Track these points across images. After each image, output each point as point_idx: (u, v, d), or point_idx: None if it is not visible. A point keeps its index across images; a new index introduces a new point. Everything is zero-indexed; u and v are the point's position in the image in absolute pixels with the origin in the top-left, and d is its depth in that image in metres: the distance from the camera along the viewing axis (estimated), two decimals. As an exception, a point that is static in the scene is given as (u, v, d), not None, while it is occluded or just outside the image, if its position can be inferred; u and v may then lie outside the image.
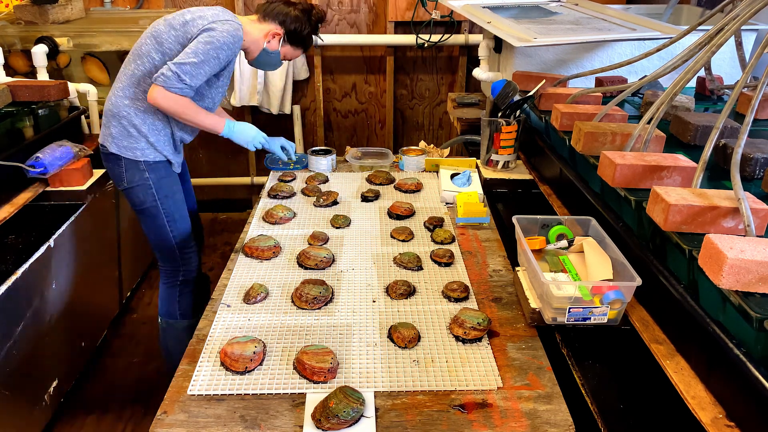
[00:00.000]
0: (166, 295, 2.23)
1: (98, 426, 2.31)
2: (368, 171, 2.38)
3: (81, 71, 3.18)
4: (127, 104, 1.97)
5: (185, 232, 2.16)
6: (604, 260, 1.45)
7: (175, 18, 1.94)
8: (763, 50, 1.31)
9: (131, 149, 2.00)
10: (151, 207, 2.06)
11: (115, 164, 2.03)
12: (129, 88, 1.97)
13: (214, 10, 1.96)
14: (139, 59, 1.95)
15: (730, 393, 1.04)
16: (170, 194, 2.09)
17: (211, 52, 1.86)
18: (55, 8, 2.98)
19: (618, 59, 2.44)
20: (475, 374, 1.28)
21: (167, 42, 1.92)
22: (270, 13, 2.04)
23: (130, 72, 1.97)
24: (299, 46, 2.12)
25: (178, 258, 2.17)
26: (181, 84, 1.85)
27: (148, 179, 2.03)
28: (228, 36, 1.89)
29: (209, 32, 1.87)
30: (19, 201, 2.20)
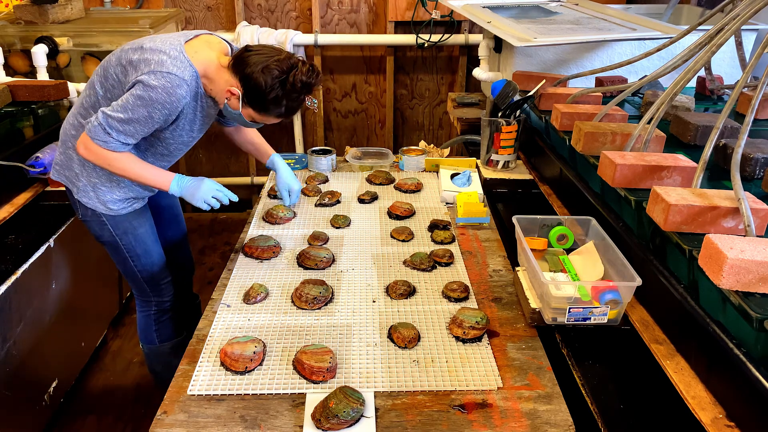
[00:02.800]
0: (143, 324, 2.09)
1: (98, 426, 2.31)
2: (368, 171, 2.38)
3: (81, 71, 3.17)
4: (74, 135, 1.76)
5: (154, 267, 1.97)
6: (595, 262, 1.46)
7: (126, 51, 1.66)
8: (763, 50, 1.31)
9: (72, 182, 1.81)
10: (109, 241, 1.89)
11: (69, 192, 1.85)
12: (77, 117, 1.76)
13: (165, 55, 1.60)
14: (90, 89, 1.73)
15: (730, 393, 1.04)
16: (129, 230, 1.87)
17: (140, 109, 1.57)
18: (55, 8, 2.98)
19: (618, 59, 2.44)
20: (475, 374, 1.28)
21: (111, 78, 1.67)
22: (236, 65, 1.63)
23: (81, 100, 1.77)
24: (266, 113, 1.67)
25: (148, 291, 2.01)
26: (106, 137, 1.60)
27: (100, 215, 1.83)
28: (162, 93, 1.57)
29: (143, 85, 1.57)
30: (19, 201, 2.20)
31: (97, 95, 1.70)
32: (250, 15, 3.71)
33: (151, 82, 1.57)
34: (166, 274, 2.03)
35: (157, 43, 1.65)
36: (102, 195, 1.81)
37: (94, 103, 1.72)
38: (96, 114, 1.61)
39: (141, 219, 1.91)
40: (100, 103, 1.70)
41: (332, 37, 3.66)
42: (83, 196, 1.81)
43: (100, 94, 1.70)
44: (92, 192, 1.80)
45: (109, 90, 1.68)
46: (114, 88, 1.67)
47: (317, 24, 3.67)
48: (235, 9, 3.65)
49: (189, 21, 3.72)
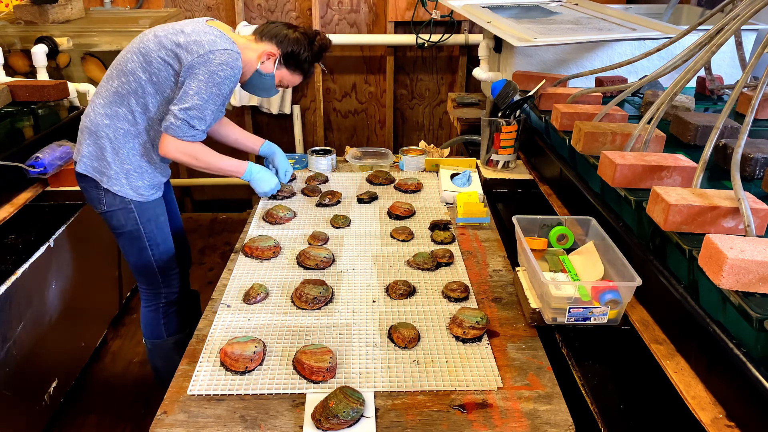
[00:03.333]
0: (149, 319, 2.13)
1: (98, 426, 2.31)
2: (368, 171, 2.38)
3: (81, 71, 3.18)
4: (107, 124, 1.82)
5: (168, 256, 2.06)
6: (595, 262, 1.46)
7: (167, 36, 1.78)
8: (763, 50, 1.31)
9: (101, 173, 1.86)
10: (132, 230, 1.94)
11: (92, 186, 1.90)
12: (110, 107, 1.82)
13: (211, 35, 1.77)
14: (125, 76, 1.80)
15: (730, 393, 1.04)
16: (153, 218, 1.97)
17: (213, 90, 1.75)
18: (55, 8, 2.98)
19: (618, 59, 2.44)
20: (475, 374, 1.28)
21: (155, 62, 1.76)
22: (267, 33, 1.89)
23: (113, 89, 1.82)
24: (297, 71, 1.95)
25: (159, 281, 2.07)
26: (193, 131, 1.77)
27: (129, 203, 1.90)
28: (227, 69, 1.75)
29: (208, 67, 1.73)
30: (19, 201, 2.20)
31: (139, 81, 1.79)
32: (250, 15, 3.71)
33: (214, 61, 1.74)
34: (175, 265, 2.11)
35: (192, 26, 1.82)
36: (134, 181, 1.90)
37: (135, 89, 1.80)
38: (171, 114, 1.75)
39: (162, 207, 2.02)
40: (143, 88, 1.79)
41: (332, 37, 3.65)
42: (114, 184, 1.87)
43: (144, 79, 1.79)
44: (124, 179, 1.88)
45: (155, 74, 1.78)
46: (160, 71, 1.78)
47: (317, 24, 3.68)
48: (235, 9, 3.65)
49: (189, 21, 3.71)
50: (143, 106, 1.82)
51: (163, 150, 1.80)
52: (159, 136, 1.85)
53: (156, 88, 1.80)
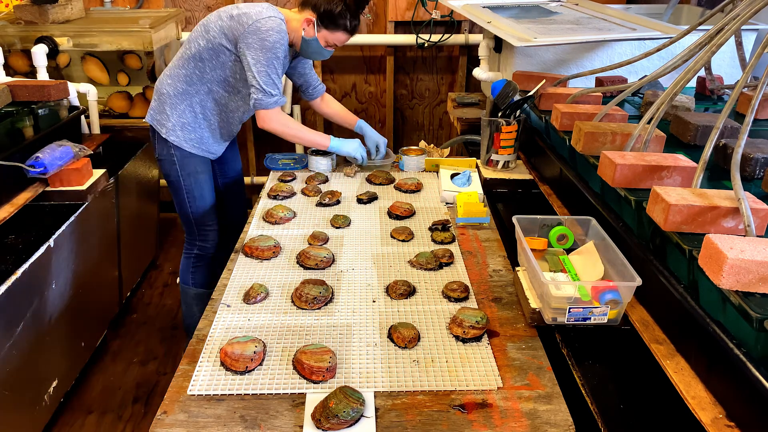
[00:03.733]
0: (183, 263, 2.42)
1: (98, 426, 2.31)
2: (367, 171, 2.38)
3: (81, 71, 3.18)
4: (169, 83, 2.13)
5: (203, 211, 2.30)
6: (595, 262, 1.46)
7: (225, 11, 2.06)
8: (763, 50, 1.31)
9: (161, 124, 2.16)
10: (174, 180, 2.24)
11: (152, 134, 2.24)
12: (175, 69, 2.12)
13: (259, 7, 2.04)
14: (188, 43, 2.11)
15: (730, 393, 1.04)
16: (193, 173, 2.23)
17: (268, 54, 1.99)
18: (55, 8, 2.98)
19: (618, 59, 2.44)
20: (475, 374, 1.28)
21: (212, 30, 2.04)
22: (305, 1, 2.09)
23: (179, 54, 2.14)
24: (336, 28, 2.08)
25: (195, 233, 2.34)
26: (271, 98, 2.04)
27: (173, 155, 2.19)
28: (274, 33, 1.98)
29: (258, 35, 1.97)
30: (19, 201, 2.20)
31: (198, 46, 2.07)
32: (250, 15, 3.71)
33: (261, 29, 1.98)
34: (213, 220, 2.37)
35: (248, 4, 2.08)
36: (188, 134, 2.18)
37: (194, 53, 2.09)
38: (251, 93, 2.04)
39: (204, 167, 2.28)
40: (200, 53, 2.08)
41: (332, 37, 3.66)
42: (171, 134, 2.17)
43: (202, 45, 2.07)
44: (180, 131, 2.17)
45: (210, 41, 2.05)
46: (215, 38, 2.05)
47: (317, 24, 3.67)
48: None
49: (189, 21, 3.72)
50: (201, 70, 2.10)
51: (261, 124, 2.10)
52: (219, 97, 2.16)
53: (211, 54, 2.06)
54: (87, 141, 2.74)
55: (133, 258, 3.04)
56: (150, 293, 3.17)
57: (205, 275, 2.43)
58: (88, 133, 2.86)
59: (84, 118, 2.81)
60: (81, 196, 2.39)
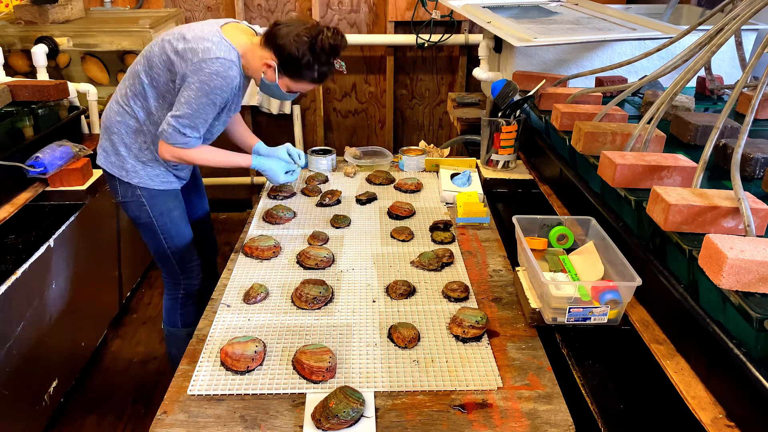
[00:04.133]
0: (168, 306, 2.21)
1: (98, 426, 2.31)
2: (367, 171, 2.38)
3: (81, 71, 3.17)
4: (119, 121, 1.90)
5: (184, 248, 2.10)
6: (595, 262, 1.46)
7: (171, 42, 1.78)
8: (763, 50, 1.31)
9: (119, 167, 1.94)
10: (146, 223, 2.02)
11: (109, 177, 1.99)
12: (122, 105, 1.89)
13: (209, 42, 1.73)
14: (131, 78, 1.87)
15: (730, 393, 1.04)
16: (166, 211, 2.01)
17: (203, 99, 1.73)
18: (55, 8, 2.98)
19: (618, 59, 2.44)
20: (475, 374, 1.28)
21: (156, 66, 1.80)
22: (268, 39, 1.78)
23: (124, 89, 1.90)
24: (300, 78, 1.81)
25: (178, 272, 2.13)
26: (184, 138, 1.78)
27: (140, 196, 1.97)
28: (218, 79, 1.72)
29: (199, 76, 1.71)
30: (19, 201, 2.20)
31: (143, 83, 1.84)
32: (250, 15, 3.71)
33: (205, 70, 1.71)
34: (195, 257, 2.16)
35: (196, 31, 1.78)
36: (151, 170, 1.96)
37: (140, 91, 1.85)
38: (165, 121, 1.77)
39: (176, 201, 2.06)
40: (146, 91, 1.84)
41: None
42: (133, 177, 1.95)
43: (146, 83, 1.83)
44: (142, 171, 1.95)
45: (155, 78, 1.82)
46: (159, 76, 1.81)
47: (317, 24, 3.67)
48: (235, 9, 3.65)
49: (189, 21, 3.72)
50: (147, 109, 1.87)
51: (160, 154, 1.84)
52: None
53: (157, 92, 1.84)
54: (87, 141, 2.73)
55: (133, 258, 3.04)
56: (150, 293, 3.17)
57: (194, 312, 2.22)
58: (88, 133, 2.85)
59: (84, 118, 2.81)
60: (81, 196, 2.39)
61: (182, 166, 2.03)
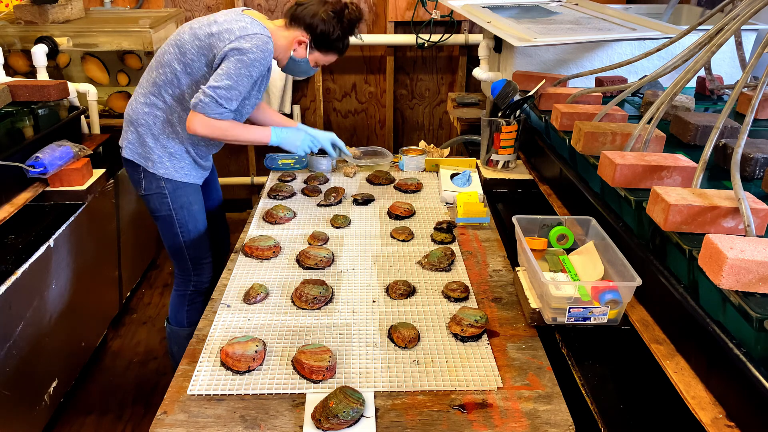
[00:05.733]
0: (175, 302, 2.21)
1: (98, 426, 2.31)
2: (368, 171, 2.38)
3: (81, 71, 3.17)
4: (147, 112, 1.93)
5: (199, 244, 2.13)
6: (595, 262, 1.46)
7: (202, 28, 1.86)
8: (763, 50, 1.31)
9: (145, 158, 1.97)
10: (165, 215, 2.04)
11: (133, 170, 2.02)
12: (149, 96, 1.93)
13: (242, 22, 1.84)
14: (161, 68, 1.89)
15: (730, 393, 1.04)
16: (186, 205, 2.05)
17: (243, 71, 1.79)
18: (55, 8, 2.98)
19: (618, 59, 2.44)
20: (475, 374, 1.28)
21: (189, 53, 1.85)
22: (296, 18, 1.91)
23: (152, 79, 1.92)
24: (330, 51, 1.97)
25: (190, 268, 2.14)
26: (220, 109, 1.80)
27: (163, 188, 2.00)
28: (258, 52, 1.79)
29: (239, 50, 1.78)
30: (19, 201, 2.20)
31: (175, 72, 1.87)
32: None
33: (245, 45, 1.78)
34: (208, 254, 2.18)
35: (225, 16, 1.88)
36: (177, 162, 1.99)
37: (171, 80, 1.88)
38: (201, 92, 1.79)
39: (196, 197, 2.09)
40: (179, 79, 1.87)
41: (332, 37, 3.65)
42: (159, 167, 1.97)
43: (179, 70, 1.87)
44: (168, 162, 1.98)
45: (188, 65, 1.86)
46: (193, 62, 1.85)
47: (317, 24, 3.67)
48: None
49: (189, 21, 3.71)
50: (179, 96, 1.91)
51: (190, 126, 1.83)
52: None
53: (191, 79, 1.88)
54: (87, 141, 2.73)
55: (133, 258, 3.04)
56: (150, 293, 3.17)
57: (200, 311, 2.19)
58: (88, 133, 2.85)
59: (84, 118, 2.81)
60: (81, 196, 2.39)
61: (204, 153, 2.06)
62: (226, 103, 1.80)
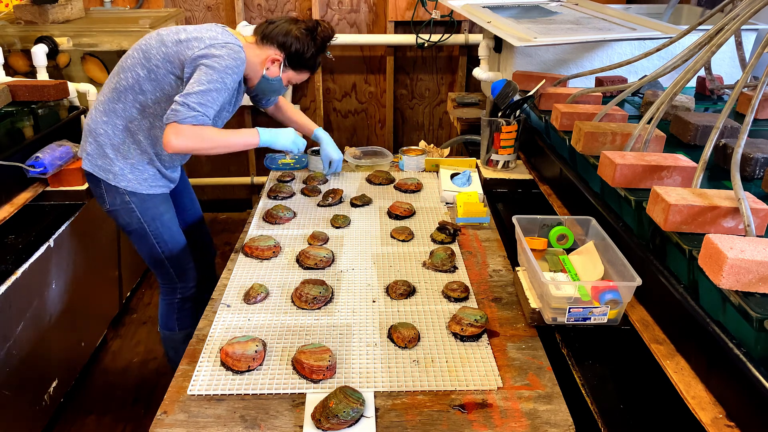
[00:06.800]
0: (164, 310, 2.17)
1: (98, 426, 2.31)
2: (367, 171, 2.38)
3: (81, 71, 3.17)
4: (105, 120, 1.84)
5: (178, 252, 2.05)
6: (595, 262, 1.46)
7: (169, 35, 1.79)
8: (763, 50, 1.31)
9: (106, 170, 1.87)
10: (137, 229, 1.96)
11: (95, 185, 1.92)
12: (108, 103, 1.84)
13: (213, 32, 1.78)
14: (123, 72, 1.81)
15: (730, 393, 1.04)
16: (157, 215, 1.96)
17: (215, 77, 1.70)
18: (55, 8, 2.98)
19: (618, 59, 2.44)
20: (475, 374, 1.28)
21: (155, 58, 1.77)
22: (268, 37, 1.86)
23: (112, 85, 1.84)
24: (304, 69, 1.93)
25: (174, 277, 2.09)
26: (193, 112, 1.67)
27: (129, 202, 1.91)
28: (230, 60, 1.73)
29: (209, 58, 1.71)
30: (19, 201, 2.20)
31: (137, 77, 1.79)
32: (250, 15, 3.71)
33: (215, 52, 1.72)
34: (189, 260, 2.12)
35: (197, 27, 1.82)
36: (140, 174, 1.90)
37: (132, 85, 1.80)
38: (174, 102, 1.69)
39: (166, 205, 2.01)
40: (140, 85, 1.80)
41: (332, 37, 3.65)
42: (121, 180, 1.88)
43: (142, 76, 1.79)
44: (130, 174, 1.89)
45: (152, 70, 1.78)
46: (158, 68, 1.78)
47: (317, 24, 3.67)
48: (235, 9, 3.65)
49: (189, 21, 3.72)
50: (142, 103, 1.82)
51: (167, 142, 1.68)
52: (161, 132, 1.82)
53: (154, 85, 1.79)
54: (87, 141, 2.73)
55: (133, 258, 3.04)
56: (150, 293, 3.17)
57: (191, 315, 2.18)
58: (88, 133, 2.85)
59: (84, 118, 2.81)
60: (81, 196, 2.39)
61: (169, 164, 1.96)
62: (200, 107, 1.68)
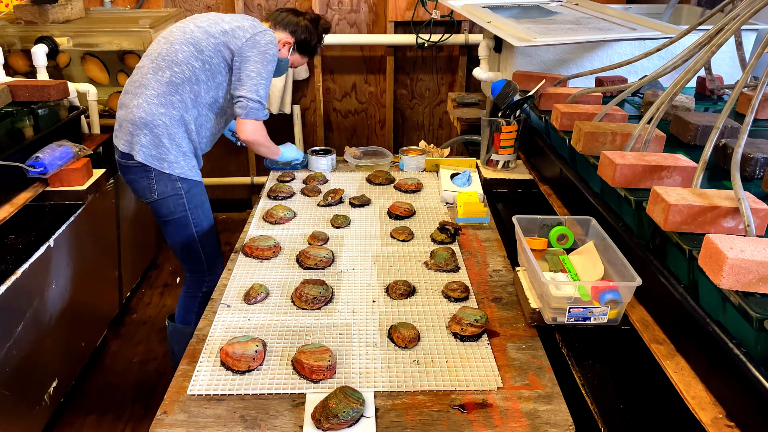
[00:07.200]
0: (184, 304, 2.22)
1: (98, 426, 2.31)
2: (367, 171, 2.38)
3: (81, 71, 3.17)
4: (163, 112, 1.95)
5: (212, 242, 2.16)
6: (595, 262, 1.45)
7: (211, 26, 1.98)
8: (763, 50, 1.31)
9: (161, 160, 1.98)
10: (180, 217, 2.05)
11: (143, 176, 2.00)
12: (166, 96, 1.95)
13: (247, 21, 2.02)
14: (177, 66, 1.94)
15: (730, 393, 1.04)
16: (199, 204, 2.10)
17: (268, 68, 1.98)
18: (55, 8, 2.98)
19: (618, 59, 2.44)
20: (475, 374, 1.28)
21: (207, 50, 1.96)
22: (281, 22, 2.13)
23: (166, 79, 1.95)
24: (306, 54, 2.23)
25: (205, 270, 2.17)
26: (265, 111, 2.00)
27: (180, 189, 2.03)
28: (273, 47, 1.99)
29: (258, 48, 1.95)
30: (19, 201, 2.20)
31: (193, 69, 1.95)
32: (249, 15, 3.71)
33: (261, 42, 1.96)
34: (220, 252, 2.23)
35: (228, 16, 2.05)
36: (189, 161, 2.05)
37: (189, 77, 1.96)
38: (244, 100, 1.95)
39: (206, 195, 2.16)
40: (196, 76, 1.96)
41: (332, 37, 3.65)
42: (175, 167, 2.01)
43: (197, 67, 1.96)
44: (183, 161, 2.03)
45: (207, 61, 1.97)
46: (212, 59, 1.97)
47: (317, 24, 3.67)
48: (235, 9, 3.65)
49: (189, 21, 3.71)
50: (195, 93, 1.99)
51: (246, 134, 1.99)
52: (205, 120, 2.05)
53: (208, 75, 1.98)
54: (87, 141, 2.73)
55: (133, 258, 3.04)
56: (150, 293, 3.17)
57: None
58: (88, 133, 2.85)
59: (84, 118, 2.81)
60: (81, 196, 2.39)
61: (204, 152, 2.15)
62: (264, 99, 1.98)
